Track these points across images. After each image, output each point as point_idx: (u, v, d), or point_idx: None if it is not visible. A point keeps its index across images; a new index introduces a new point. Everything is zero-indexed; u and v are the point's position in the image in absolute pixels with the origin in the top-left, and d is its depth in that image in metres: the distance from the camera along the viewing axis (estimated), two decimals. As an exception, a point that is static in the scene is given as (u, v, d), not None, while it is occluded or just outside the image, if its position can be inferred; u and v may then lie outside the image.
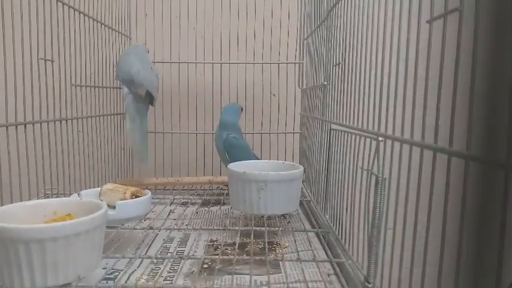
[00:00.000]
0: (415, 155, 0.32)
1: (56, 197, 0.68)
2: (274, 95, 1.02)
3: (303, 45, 0.95)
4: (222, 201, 0.83)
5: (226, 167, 0.76)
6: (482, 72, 0.28)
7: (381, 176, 0.37)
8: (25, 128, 0.56)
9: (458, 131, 0.25)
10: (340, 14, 0.56)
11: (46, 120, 0.62)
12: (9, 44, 0.52)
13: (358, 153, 0.46)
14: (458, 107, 0.26)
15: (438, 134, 0.27)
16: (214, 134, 0.94)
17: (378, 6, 0.40)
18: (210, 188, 0.94)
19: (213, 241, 0.61)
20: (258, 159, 0.86)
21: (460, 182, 0.25)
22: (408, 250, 0.34)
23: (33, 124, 0.58)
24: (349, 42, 0.51)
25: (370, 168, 0.40)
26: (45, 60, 0.60)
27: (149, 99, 0.83)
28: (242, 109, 0.92)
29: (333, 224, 0.59)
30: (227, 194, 0.83)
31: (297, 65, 0.98)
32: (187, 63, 0.98)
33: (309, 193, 0.83)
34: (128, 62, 0.81)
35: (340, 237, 0.54)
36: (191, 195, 0.89)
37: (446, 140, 0.26)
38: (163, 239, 0.61)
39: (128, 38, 0.99)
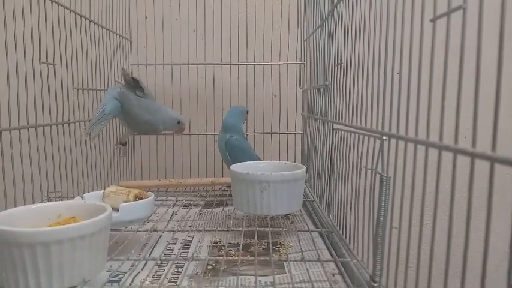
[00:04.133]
0: (420, 153, 0.32)
1: (59, 199, 0.68)
2: (275, 96, 1.02)
3: (304, 45, 0.95)
4: (225, 202, 0.83)
5: (228, 168, 0.76)
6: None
7: (385, 175, 0.37)
8: (28, 131, 0.56)
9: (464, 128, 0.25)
10: (342, 13, 0.56)
11: (49, 123, 0.62)
12: (11, 48, 0.52)
13: (361, 152, 0.46)
14: (463, 104, 0.26)
15: (443, 131, 0.27)
16: (216, 136, 0.94)
17: (380, 4, 0.40)
18: (213, 189, 0.94)
19: (217, 242, 0.61)
20: (260, 160, 0.86)
21: (466, 179, 0.25)
22: (414, 248, 0.34)
23: (36, 128, 0.58)
24: (351, 41, 0.51)
25: (374, 168, 0.40)
26: (47, 64, 0.60)
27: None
28: (248, 111, 0.92)
29: (337, 224, 0.59)
30: (230, 195, 0.83)
31: (297, 65, 0.98)
32: (189, 65, 0.98)
33: (312, 193, 0.83)
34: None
35: (344, 237, 0.54)
36: (194, 196, 0.89)
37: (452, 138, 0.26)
38: (167, 241, 0.61)
39: (129, 41, 0.99)
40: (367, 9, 0.44)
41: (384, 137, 0.38)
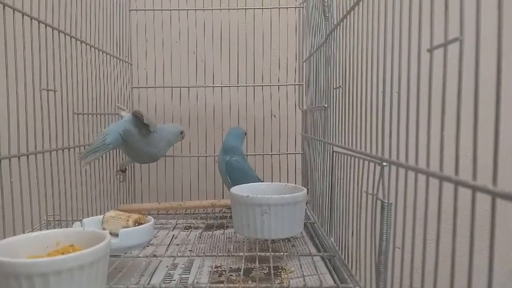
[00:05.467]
0: (421, 178, 0.32)
1: (58, 223, 0.67)
2: (274, 116, 1.03)
3: (303, 66, 0.96)
4: (225, 224, 0.83)
5: (228, 190, 0.75)
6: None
7: (386, 201, 0.37)
8: (27, 158, 0.56)
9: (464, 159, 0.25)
10: (339, 38, 0.56)
11: (49, 149, 0.62)
12: (12, 75, 0.53)
13: (362, 176, 0.46)
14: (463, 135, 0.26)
15: (443, 163, 0.27)
16: (216, 157, 0.94)
17: (377, 31, 0.41)
18: (213, 211, 0.93)
19: (218, 267, 0.60)
20: (261, 181, 0.86)
21: (468, 199, 0.25)
22: (418, 274, 0.33)
23: (35, 154, 0.58)
24: (349, 65, 0.51)
25: (375, 193, 0.40)
26: (48, 91, 0.60)
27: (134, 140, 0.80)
28: (246, 133, 0.92)
29: (339, 248, 0.58)
30: (230, 217, 0.82)
31: (296, 86, 0.99)
32: (188, 87, 0.99)
33: (313, 215, 0.83)
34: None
35: (346, 262, 0.53)
36: (194, 219, 0.89)
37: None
38: (167, 266, 0.60)
39: (129, 64, 1.00)
40: (365, 36, 0.45)
41: (384, 163, 0.37)
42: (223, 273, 0.57)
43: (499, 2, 0.23)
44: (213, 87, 0.99)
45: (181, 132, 0.92)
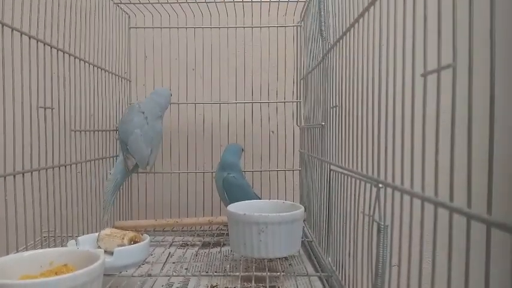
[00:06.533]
0: (416, 204, 0.32)
1: (53, 241, 0.67)
2: (273, 132, 1.03)
3: (301, 83, 0.96)
4: (222, 242, 0.82)
5: (226, 206, 0.75)
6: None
7: (382, 223, 0.37)
8: (23, 176, 0.56)
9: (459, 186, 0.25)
10: (336, 58, 0.57)
11: (45, 167, 0.61)
12: (9, 93, 0.53)
13: (358, 196, 0.46)
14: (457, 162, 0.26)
15: (438, 187, 0.27)
16: (214, 174, 0.93)
17: (373, 55, 0.41)
18: (210, 228, 0.92)
19: (214, 286, 0.59)
20: (259, 198, 0.86)
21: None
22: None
23: (31, 172, 0.58)
24: (345, 86, 0.52)
25: (371, 214, 0.40)
26: (45, 109, 0.60)
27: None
28: (243, 149, 0.92)
29: (336, 268, 0.57)
30: (227, 235, 0.82)
31: (294, 103, 0.99)
32: (187, 103, 0.99)
33: (310, 233, 0.82)
34: (130, 123, 0.85)
35: (343, 283, 0.53)
36: (191, 236, 0.88)
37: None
38: (162, 285, 0.60)
39: (128, 81, 1.01)
40: (360, 58, 0.45)
41: (380, 185, 0.37)
42: (219, 293, 0.57)
43: (491, 30, 0.23)
44: (212, 103, 0.99)
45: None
